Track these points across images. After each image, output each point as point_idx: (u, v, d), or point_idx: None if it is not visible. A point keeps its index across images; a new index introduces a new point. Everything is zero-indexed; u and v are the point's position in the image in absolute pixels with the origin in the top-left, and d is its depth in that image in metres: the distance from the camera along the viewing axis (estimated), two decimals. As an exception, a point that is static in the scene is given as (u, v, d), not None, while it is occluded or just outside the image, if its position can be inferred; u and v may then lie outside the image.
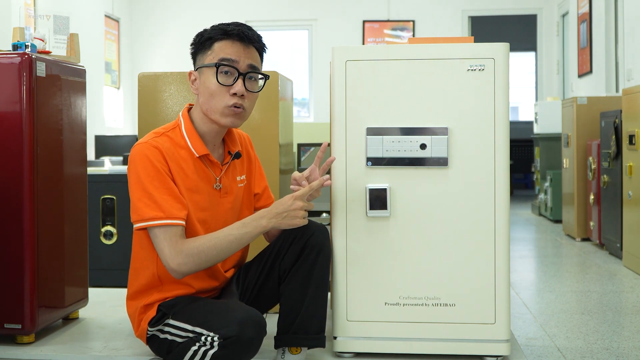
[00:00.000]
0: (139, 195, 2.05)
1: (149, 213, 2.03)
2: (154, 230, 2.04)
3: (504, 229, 2.33)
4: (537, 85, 10.63)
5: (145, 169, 2.05)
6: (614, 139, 4.93)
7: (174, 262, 2.02)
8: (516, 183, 11.26)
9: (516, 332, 3.15)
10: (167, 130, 2.16)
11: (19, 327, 2.48)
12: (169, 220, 2.03)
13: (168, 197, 2.05)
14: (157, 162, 2.06)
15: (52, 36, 2.72)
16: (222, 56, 2.12)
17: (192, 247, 2.03)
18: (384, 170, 2.33)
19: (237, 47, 2.13)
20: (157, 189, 2.04)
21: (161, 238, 2.03)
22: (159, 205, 2.03)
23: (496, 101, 2.31)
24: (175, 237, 2.03)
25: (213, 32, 2.15)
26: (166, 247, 2.02)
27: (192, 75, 2.18)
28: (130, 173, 2.08)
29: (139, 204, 2.04)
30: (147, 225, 2.04)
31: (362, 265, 2.35)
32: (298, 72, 10.08)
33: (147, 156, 2.06)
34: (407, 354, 2.37)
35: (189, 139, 2.14)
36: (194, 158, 2.14)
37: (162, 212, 2.03)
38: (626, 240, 4.71)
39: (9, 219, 2.47)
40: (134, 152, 2.09)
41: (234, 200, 2.24)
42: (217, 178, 2.19)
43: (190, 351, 2.01)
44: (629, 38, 6.19)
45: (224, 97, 2.12)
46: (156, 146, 2.08)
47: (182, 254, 2.02)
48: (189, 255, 2.02)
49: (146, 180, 2.04)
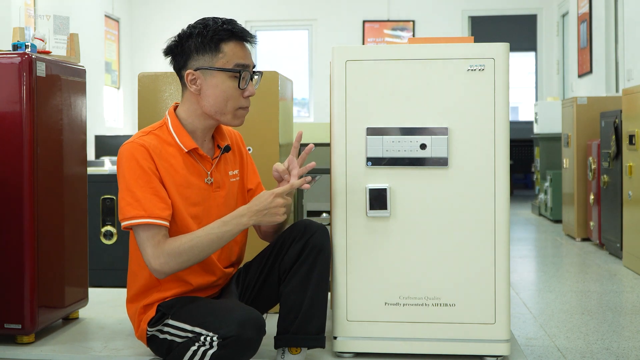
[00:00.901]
0: (124, 194, 2.06)
1: (132, 212, 2.04)
2: (137, 230, 2.05)
3: (504, 229, 2.33)
4: (537, 85, 10.63)
5: (131, 169, 2.06)
6: (614, 139, 4.93)
7: (156, 262, 2.03)
8: (516, 183, 11.26)
9: (516, 332, 3.15)
10: (154, 128, 2.17)
11: (19, 327, 2.48)
12: (151, 220, 2.03)
13: (151, 197, 2.05)
14: (143, 161, 2.06)
15: (52, 36, 2.72)
16: (237, 61, 2.13)
17: (174, 247, 2.04)
18: (384, 170, 2.33)
19: (245, 49, 2.16)
20: (141, 188, 2.05)
21: (143, 238, 2.04)
22: (141, 204, 2.04)
23: (496, 101, 2.31)
24: (157, 237, 2.04)
25: (215, 31, 2.11)
26: (148, 247, 2.03)
27: (192, 75, 2.13)
28: (118, 173, 2.10)
29: (122, 203, 2.06)
30: (130, 224, 2.05)
31: (362, 265, 2.35)
32: (298, 72, 10.08)
33: (133, 155, 2.07)
34: (407, 354, 2.37)
35: (176, 135, 2.15)
36: (182, 153, 2.15)
37: (144, 211, 2.03)
38: (626, 240, 4.71)
39: (9, 218, 2.47)
40: (121, 152, 2.10)
41: (227, 194, 2.24)
42: (208, 172, 2.19)
43: (190, 351, 2.01)
44: (629, 38, 6.19)
45: (238, 100, 2.15)
46: (142, 144, 2.08)
47: (164, 253, 2.03)
48: (171, 255, 2.03)
49: (131, 179, 2.05)
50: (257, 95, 2.87)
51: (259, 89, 2.86)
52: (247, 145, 2.85)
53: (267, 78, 2.86)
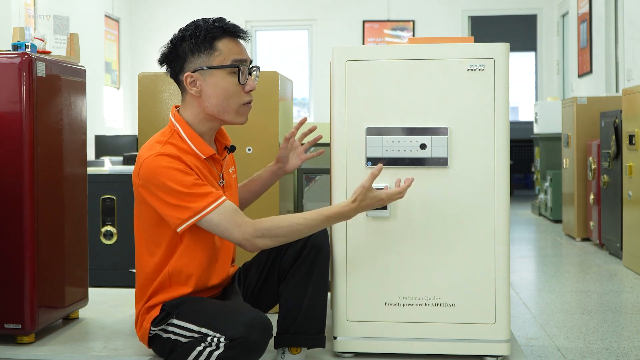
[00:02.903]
0: (178, 199, 2.02)
1: (198, 206, 2.01)
2: (210, 217, 2.02)
3: (504, 229, 2.33)
4: (537, 85, 10.63)
5: (172, 177, 2.02)
6: (614, 139, 4.93)
7: (251, 240, 2.03)
8: (516, 183, 11.26)
9: (516, 332, 3.14)
10: (167, 137, 2.12)
11: (19, 327, 2.48)
12: (219, 200, 2.02)
13: (203, 185, 2.04)
14: (178, 165, 2.03)
15: (52, 36, 2.72)
16: (234, 57, 2.12)
17: (270, 227, 2.05)
18: (384, 170, 2.33)
19: (239, 44, 2.15)
20: (192, 187, 2.02)
21: (223, 221, 2.02)
22: (202, 195, 2.02)
23: (496, 101, 2.31)
24: (233, 212, 2.03)
25: (207, 30, 2.11)
26: (233, 227, 2.02)
27: (191, 77, 2.12)
28: (159, 188, 2.03)
29: (183, 203, 2.01)
30: (202, 216, 2.01)
31: (362, 265, 2.35)
32: (298, 72, 10.08)
33: (165, 166, 2.03)
34: (407, 354, 2.37)
35: (192, 143, 2.12)
36: (200, 160, 2.13)
37: (210, 198, 2.02)
38: (626, 240, 4.71)
39: (9, 219, 2.47)
40: (149, 169, 2.04)
41: (233, 192, 2.26)
42: (220, 174, 2.20)
43: (195, 351, 2.00)
44: (629, 38, 6.19)
45: (240, 96, 2.14)
46: (168, 154, 2.05)
47: (259, 231, 2.03)
48: (266, 235, 2.04)
49: (176, 184, 2.01)
50: (257, 95, 2.87)
51: (259, 89, 2.86)
52: (247, 145, 2.85)
53: (267, 78, 2.86)
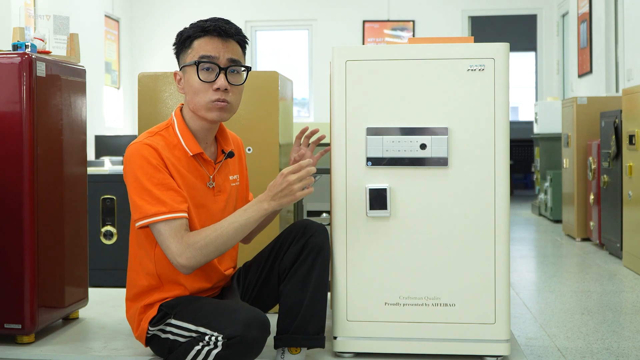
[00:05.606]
0: (140, 193, 2.05)
1: (151, 209, 2.03)
2: (158, 227, 2.04)
3: (504, 229, 2.32)
4: (537, 85, 10.63)
5: (142, 168, 2.05)
6: (614, 139, 4.93)
7: (182, 257, 2.01)
8: (516, 183, 11.26)
9: (516, 332, 3.15)
10: (161, 129, 2.17)
11: (19, 327, 2.48)
12: (172, 214, 2.03)
13: (168, 192, 2.05)
14: (153, 159, 2.06)
15: (52, 36, 2.72)
16: (202, 53, 2.13)
17: (199, 240, 2.03)
18: (384, 170, 2.33)
19: (215, 42, 2.14)
20: (156, 186, 2.04)
21: (166, 234, 2.02)
22: (160, 200, 2.03)
23: (496, 101, 2.31)
24: (180, 231, 2.03)
25: (191, 30, 2.16)
26: (172, 243, 2.02)
27: (177, 75, 2.20)
28: (128, 174, 2.08)
29: (140, 201, 2.04)
30: (150, 222, 2.03)
31: (362, 265, 2.35)
32: (298, 72, 10.08)
33: (142, 155, 2.06)
34: (407, 354, 2.37)
35: (182, 138, 2.15)
36: (187, 157, 2.15)
37: (164, 207, 2.03)
38: (626, 240, 4.71)
39: (9, 219, 2.47)
40: (129, 153, 2.09)
41: (228, 198, 2.25)
42: (210, 176, 2.20)
43: (194, 350, 2.01)
44: (629, 38, 6.19)
45: (207, 93, 2.13)
46: (150, 144, 2.09)
47: (190, 247, 2.02)
48: (197, 248, 2.02)
49: (144, 178, 2.05)
50: (257, 95, 2.88)
51: (259, 89, 2.87)
52: (247, 145, 2.85)
53: (267, 78, 2.86)
